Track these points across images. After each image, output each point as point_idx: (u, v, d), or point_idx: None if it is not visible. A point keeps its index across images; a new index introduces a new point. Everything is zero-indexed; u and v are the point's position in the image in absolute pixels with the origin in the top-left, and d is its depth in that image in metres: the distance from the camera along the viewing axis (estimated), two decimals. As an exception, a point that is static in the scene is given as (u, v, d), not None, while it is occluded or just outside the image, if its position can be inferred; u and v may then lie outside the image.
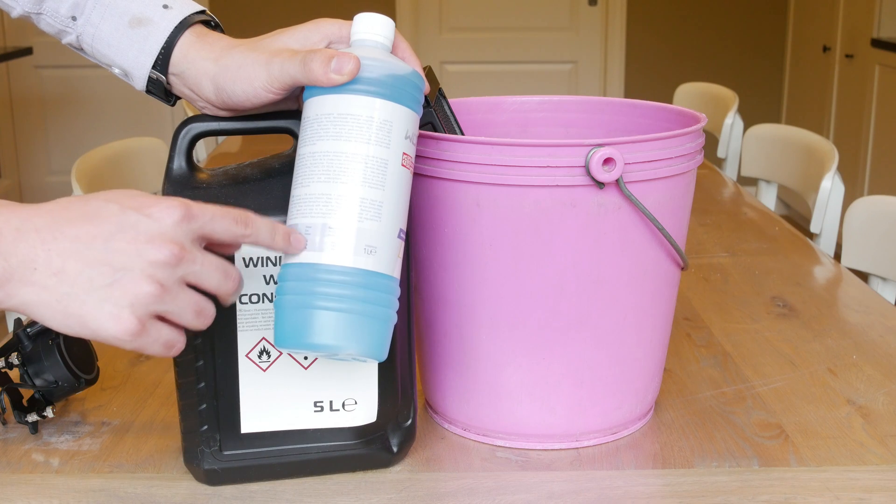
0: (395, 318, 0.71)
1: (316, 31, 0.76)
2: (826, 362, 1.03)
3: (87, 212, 0.63)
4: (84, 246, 0.62)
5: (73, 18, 0.81)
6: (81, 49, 0.83)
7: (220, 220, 0.65)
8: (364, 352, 0.68)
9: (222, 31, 0.82)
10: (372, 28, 0.73)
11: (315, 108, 0.71)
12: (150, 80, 0.80)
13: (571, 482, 0.80)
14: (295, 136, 0.78)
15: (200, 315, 0.66)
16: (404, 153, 0.70)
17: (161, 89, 0.80)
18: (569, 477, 0.81)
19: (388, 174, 0.69)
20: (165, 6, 0.79)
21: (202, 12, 0.81)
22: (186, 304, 0.65)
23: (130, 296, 0.62)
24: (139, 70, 0.80)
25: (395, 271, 0.70)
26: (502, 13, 4.41)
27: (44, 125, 4.44)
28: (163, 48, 0.78)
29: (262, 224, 0.67)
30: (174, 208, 0.63)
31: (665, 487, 0.79)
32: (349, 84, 0.69)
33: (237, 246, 0.69)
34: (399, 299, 0.78)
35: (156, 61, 0.79)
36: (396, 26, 0.76)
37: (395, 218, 0.70)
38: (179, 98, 0.82)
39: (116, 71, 0.82)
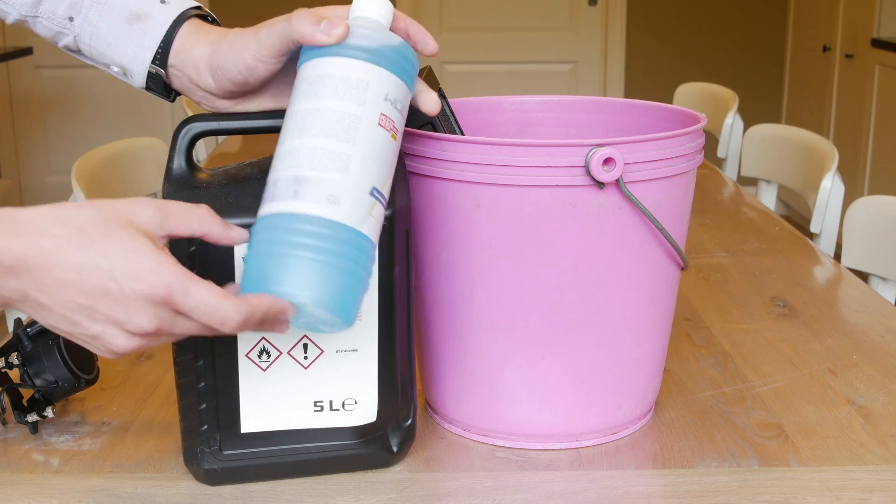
0: (364, 278, 0.68)
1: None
2: (826, 362, 1.03)
3: (79, 264, 0.62)
4: (69, 301, 0.62)
5: (70, 19, 0.82)
6: (79, 51, 0.84)
7: (203, 317, 0.63)
8: (321, 301, 0.65)
9: (219, 26, 0.83)
10: (368, 7, 0.74)
11: (300, 75, 0.72)
12: (150, 74, 0.80)
13: (571, 482, 0.80)
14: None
15: (183, 335, 0.66)
16: (383, 114, 0.70)
17: (160, 84, 0.81)
18: (569, 477, 0.81)
19: (359, 130, 0.69)
20: (163, 1, 0.80)
21: (198, 8, 0.82)
22: (169, 340, 0.66)
23: (112, 349, 0.64)
24: (139, 65, 0.80)
25: (365, 228, 0.68)
26: (502, 13, 4.41)
27: (44, 125, 4.44)
28: (162, 41, 0.79)
29: (257, 318, 0.65)
30: (155, 289, 0.62)
31: (665, 487, 0.79)
32: (333, 48, 0.70)
33: None
34: (399, 299, 0.78)
35: (155, 55, 0.80)
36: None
37: (366, 174, 0.68)
38: (179, 94, 0.82)
39: (115, 70, 0.83)
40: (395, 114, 0.71)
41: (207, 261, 0.74)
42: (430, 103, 0.77)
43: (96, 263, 0.62)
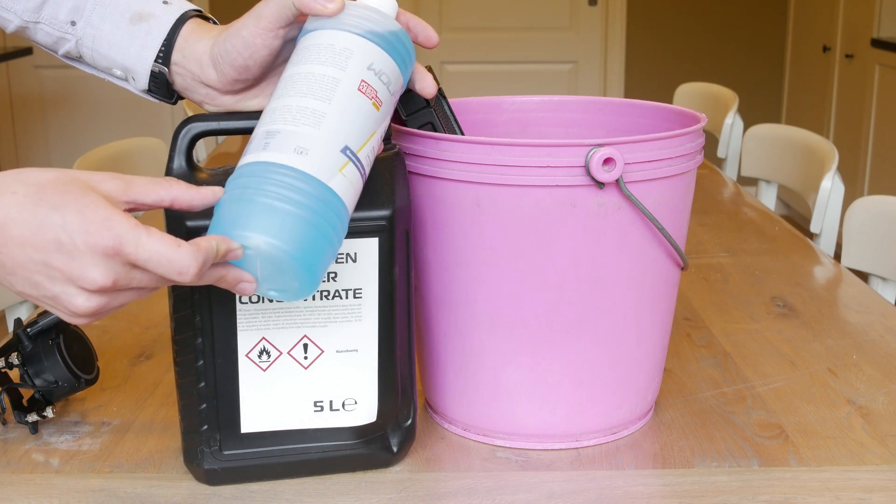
0: (328, 235, 0.67)
1: None
2: (826, 362, 1.03)
3: (34, 217, 0.63)
4: (27, 259, 0.63)
5: (73, 23, 0.82)
6: (79, 58, 0.84)
7: (156, 266, 0.63)
8: (278, 245, 0.64)
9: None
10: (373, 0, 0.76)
11: (295, 49, 0.74)
12: (153, 75, 0.81)
13: (571, 482, 0.80)
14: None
15: (144, 291, 0.66)
16: (364, 80, 0.71)
17: (162, 84, 0.81)
18: (569, 477, 0.81)
19: (336, 91, 0.70)
20: (165, 2, 0.81)
21: (199, 11, 0.84)
22: (128, 298, 0.66)
23: (72, 309, 0.65)
24: (142, 65, 0.81)
25: (334, 184, 0.67)
26: (502, 13, 4.41)
27: (44, 125, 4.44)
28: (165, 39, 0.80)
29: (215, 275, 0.65)
30: (105, 240, 0.62)
31: (665, 487, 0.79)
32: (328, 22, 0.72)
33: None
34: (399, 299, 0.78)
35: (158, 53, 0.80)
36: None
37: (338, 131, 0.69)
38: (182, 98, 0.83)
39: (117, 73, 0.83)
40: (379, 85, 0.72)
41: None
42: (426, 85, 0.79)
43: (49, 218, 0.62)
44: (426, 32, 0.79)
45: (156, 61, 0.80)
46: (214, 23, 0.84)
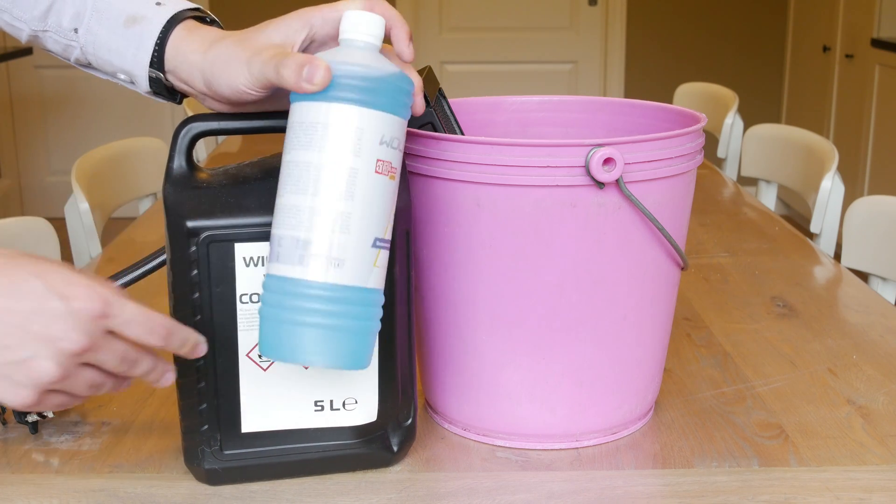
0: (373, 328, 0.70)
1: (300, 22, 0.75)
2: (826, 362, 1.03)
3: (11, 283, 0.64)
4: (0, 321, 0.64)
5: (76, 30, 0.82)
6: (89, 64, 0.83)
7: (136, 327, 0.67)
8: (335, 365, 0.68)
9: (220, 27, 0.82)
10: (358, 27, 0.70)
11: (293, 115, 0.70)
12: (151, 78, 0.80)
13: (571, 482, 0.80)
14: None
15: (93, 388, 0.69)
16: (379, 159, 0.68)
17: (163, 87, 0.81)
18: (569, 477, 0.81)
19: (357, 184, 0.68)
20: (158, 3, 0.80)
21: (196, 9, 0.81)
22: (83, 382, 0.68)
23: (35, 377, 0.65)
24: (139, 69, 0.80)
25: (371, 281, 0.69)
26: (502, 13, 4.41)
27: (44, 125, 4.44)
28: (157, 43, 0.79)
29: (181, 337, 0.70)
30: (93, 302, 0.64)
31: (665, 487, 0.79)
32: (324, 91, 0.68)
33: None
34: (399, 299, 0.78)
35: (152, 58, 0.79)
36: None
37: (367, 227, 0.68)
38: (186, 96, 0.82)
39: (122, 77, 0.82)
40: (392, 154, 0.70)
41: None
42: (416, 105, 0.75)
43: (28, 284, 0.64)
44: (400, 46, 0.75)
45: (151, 66, 0.79)
46: (213, 20, 0.83)
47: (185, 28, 0.79)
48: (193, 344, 0.72)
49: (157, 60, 0.79)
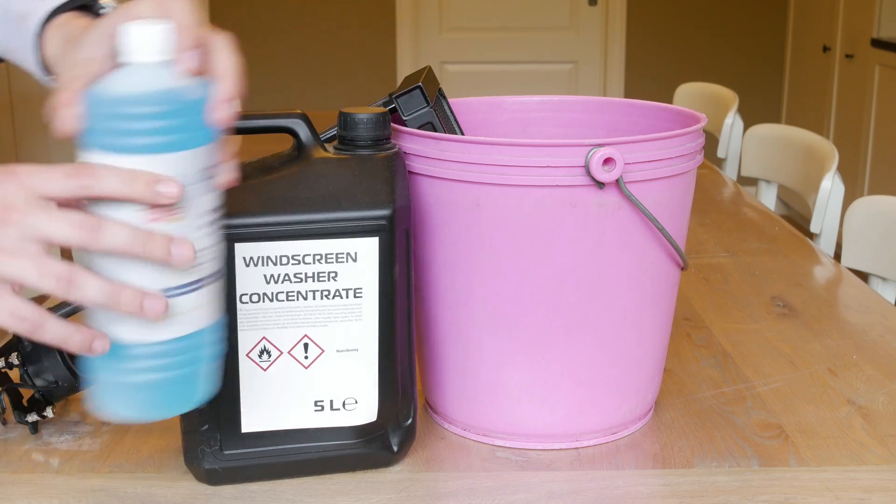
0: (198, 370, 0.64)
1: (98, 35, 0.62)
2: (826, 362, 1.03)
3: None
4: None
5: None
6: (17, 63, 0.80)
7: (46, 174, 0.57)
8: (158, 416, 0.65)
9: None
10: (138, 44, 0.57)
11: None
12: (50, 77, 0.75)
13: (571, 482, 0.80)
14: (295, 135, 0.78)
15: (13, 316, 0.60)
16: (154, 217, 0.58)
17: None
18: (569, 477, 0.81)
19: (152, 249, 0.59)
20: None
21: (74, 1, 0.74)
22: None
23: (42, 230, 0.58)
24: (35, 67, 0.75)
25: (202, 322, 0.63)
26: (502, 13, 4.41)
27: (44, 125, 4.44)
28: (37, 40, 0.74)
29: (110, 172, 0.56)
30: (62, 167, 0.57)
31: (665, 487, 0.79)
32: (107, 141, 0.57)
33: (83, 202, 0.59)
34: (399, 299, 0.78)
35: (38, 56, 0.75)
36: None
37: (154, 282, 0.61)
38: None
39: (39, 76, 0.78)
40: (198, 189, 0.60)
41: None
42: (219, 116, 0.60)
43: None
44: (182, 57, 0.58)
45: (41, 66, 0.74)
46: (103, 7, 0.75)
47: (54, 26, 0.73)
48: (147, 180, 0.57)
49: (41, 58, 0.74)
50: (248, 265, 0.75)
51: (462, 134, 0.91)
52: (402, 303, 0.79)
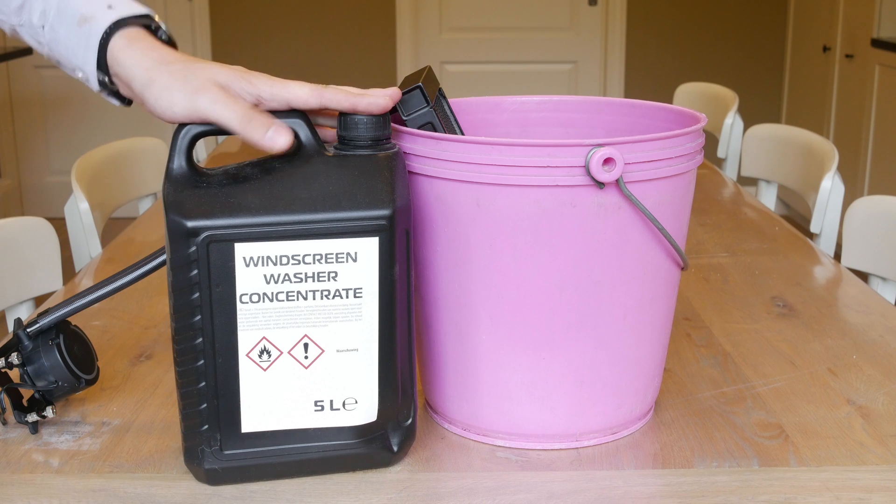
0: None
1: (245, 84, 0.80)
2: (826, 362, 1.03)
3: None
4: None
5: (42, 27, 0.83)
6: (59, 61, 0.85)
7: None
8: None
9: (168, 38, 0.83)
10: None
11: None
12: (100, 79, 0.82)
13: (571, 482, 0.80)
14: (295, 134, 0.78)
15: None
16: None
17: (109, 89, 0.82)
18: (569, 477, 0.81)
19: None
20: (109, 6, 0.81)
21: (145, 16, 0.82)
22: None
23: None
24: (88, 67, 0.81)
25: None
26: (502, 13, 4.41)
27: (44, 125, 4.44)
28: (100, 45, 0.80)
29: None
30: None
31: (665, 487, 0.79)
32: None
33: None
34: (399, 299, 0.78)
35: (98, 59, 0.80)
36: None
37: None
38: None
39: (80, 75, 0.83)
40: None
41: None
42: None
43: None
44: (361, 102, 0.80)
45: (99, 67, 0.81)
46: (158, 29, 0.83)
47: (126, 36, 0.80)
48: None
49: (103, 62, 0.81)
50: (248, 265, 0.75)
51: (462, 134, 0.91)
52: (402, 303, 0.79)
